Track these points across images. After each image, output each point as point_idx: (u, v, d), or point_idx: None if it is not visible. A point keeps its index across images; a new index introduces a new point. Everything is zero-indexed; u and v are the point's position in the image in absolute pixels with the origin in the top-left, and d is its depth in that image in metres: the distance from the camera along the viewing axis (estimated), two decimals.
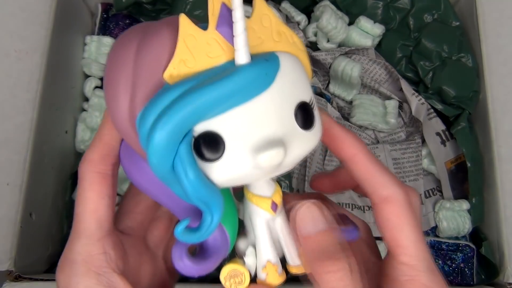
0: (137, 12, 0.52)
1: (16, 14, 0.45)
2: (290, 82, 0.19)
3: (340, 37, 0.51)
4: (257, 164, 0.18)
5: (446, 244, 0.47)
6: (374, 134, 0.51)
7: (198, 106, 0.17)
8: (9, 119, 0.43)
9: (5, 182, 0.41)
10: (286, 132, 0.18)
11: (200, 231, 0.19)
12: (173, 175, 0.18)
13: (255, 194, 0.21)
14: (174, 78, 0.18)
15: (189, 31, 0.18)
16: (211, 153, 0.18)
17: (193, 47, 0.18)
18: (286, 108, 0.19)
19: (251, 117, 0.18)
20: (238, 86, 0.17)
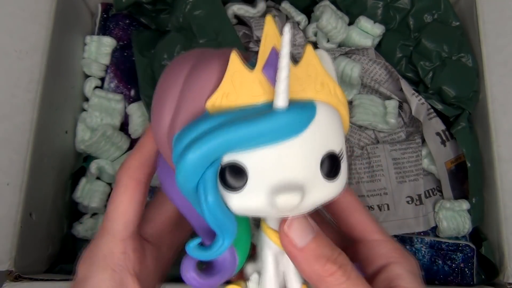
0: (137, 12, 0.52)
1: (16, 14, 0.45)
2: (322, 132, 0.19)
3: (340, 37, 0.51)
4: (273, 203, 0.19)
5: (446, 244, 0.47)
6: (374, 134, 0.51)
7: (230, 139, 0.18)
8: (9, 119, 0.43)
9: (5, 182, 0.41)
10: (308, 178, 0.19)
11: (210, 251, 0.20)
12: (195, 195, 0.20)
13: (269, 227, 0.22)
14: (215, 108, 0.19)
15: (237, 68, 0.19)
16: (234, 183, 0.19)
17: (238, 83, 0.19)
18: (312, 156, 0.19)
19: (276, 159, 0.19)
20: (270, 128, 0.18)
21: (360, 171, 0.49)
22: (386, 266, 0.23)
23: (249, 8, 0.51)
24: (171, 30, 0.49)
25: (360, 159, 0.49)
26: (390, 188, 0.48)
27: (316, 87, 0.20)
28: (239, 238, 0.22)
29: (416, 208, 0.48)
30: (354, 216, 0.25)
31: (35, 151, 0.43)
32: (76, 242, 0.49)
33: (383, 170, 0.48)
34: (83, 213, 0.49)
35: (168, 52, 0.48)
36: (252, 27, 0.50)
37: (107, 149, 0.49)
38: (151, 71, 0.49)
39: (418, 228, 0.47)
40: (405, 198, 0.48)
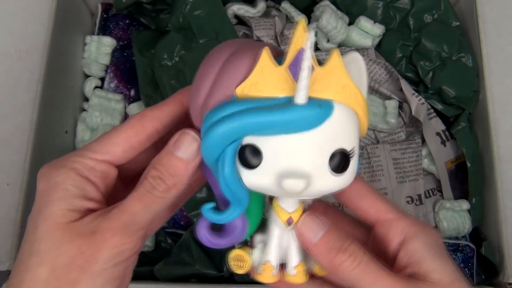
0: (137, 12, 0.52)
1: (17, 14, 0.46)
2: (336, 130, 0.22)
3: (340, 37, 0.51)
4: (280, 186, 0.21)
5: (446, 244, 0.47)
6: (374, 134, 0.51)
7: (251, 123, 0.21)
8: (9, 119, 0.43)
9: (5, 182, 0.41)
10: (315, 169, 0.21)
11: (221, 216, 0.23)
12: (215, 165, 0.22)
13: (278, 205, 0.24)
14: (243, 94, 0.22)
15: (267, 63, 0.21)
16: (249, 162, 0.22)
17: (266, 75, 0.21)
18: (322, 150, 0.22)
19: (288, 147, 0.21)
20: (287, 119, 0.21)
21: (360, 171, 0.49)
22: (404, 243, 0.24)
23: (249, 8, 0.51)
24: (171, 30, 0.49)
25: (360, 159, 0.49)
26: (390, 188, 0.48)
27: (337, 89, 0.22)
28: (251, 209, 0.25)
29: (416, 208, 0.48)
30: (366, 200, 0.26)
31: (35, 151, 0.43)
32: None
33: (383, 170, 0.48)
34: None
35: (168, 52, 0.48)
36: (252, 27, 0.50)
37: None
38: (151, 71, 0.49)
39: None
40: (405, 198, 0.48)
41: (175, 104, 0.25)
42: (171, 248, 0.46)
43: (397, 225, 0.25)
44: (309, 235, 0.23)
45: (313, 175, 0.21)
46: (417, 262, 0.23)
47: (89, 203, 0.23)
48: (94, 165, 0.23)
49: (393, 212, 0.25)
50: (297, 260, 0.25)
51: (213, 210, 0.24)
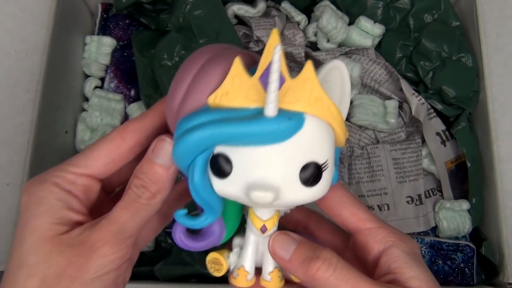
0: (137, 12, 0.52)
1: (16, 14, 0.46)
2: (307, 143, 0.21)
3: (340, 37, 0.51)
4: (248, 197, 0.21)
5: (446, 244, 0.47)
6: (374, 134, 0.51)
7: (220, 134, 0.21)
8: (9, 119, 0.43)
9: (5, 182, 0.41)
10: (284, 181, 0.21)
11: (194, 221, 0.23)
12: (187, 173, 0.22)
13: (253, 212, 0.24)
14: (214, 104, 0.22)
15: (238, 73, 0.21)
16: (219, 171, 0.22)
17: (237, 86, 0.21)
18: (293, 162, 0.21)
19: (257, 159, 0.21)
20: (256, 132, 0.21)
21: (360, 171, 0.49)
22: (384, 251, 0.24)
23: (249, 8, 0.51)
24: (171, 30, 0.49)
25: (360, 159, 0.49)
26: (390, 188, 0.48)
27: (309, 101, 0.21)
28: (229, 213, 0.25)
29: (416, 208, 0.48)
30: (347, 208, 0.26)
31: (35, 151, 0.43)
32: None
33: (383, 170, 0.48)
34: None
35: (168, 52, 0.48)
36: (252, 27, 0.50)
37: None
38: (151, 71, 0.49)
39: (418, 228, 0.47)
40: (405, 198, 0.48)
41: (156, 115, 0.25)
42: (171, 248, 0.46)
43: (377, 234, 0.25)
44: (282, 253, 0.23)
45: (282, 187, 0.21)
46: (398, 269, 0.23)
47: (75, 215, 0.23)
48: (75, 179, 0.23)
49: (374, 222, 0.25)
50: (271, 267, 0.25)
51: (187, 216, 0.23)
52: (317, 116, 0.22)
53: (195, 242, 0.25)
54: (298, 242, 0.23)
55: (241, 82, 0.21)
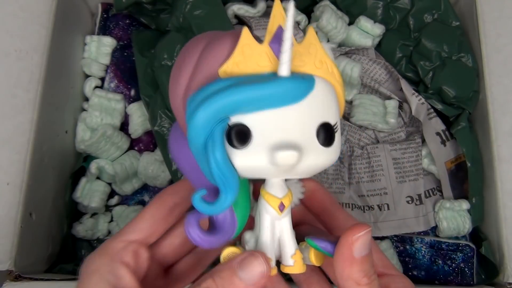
0: (137, 12, 0.52)
1: (16, 14, 0.46)
2: (319, 103, 0.22)
3: (340, 37, 0.51)
4: (273, 160, 0.21)
5: (446, 244, 0.47)
6: (374, 134, 0.51)
7: (236, 99, 0.21)
8: (9, 119, 0.43)
9: (5, 182, 0.41)
10: (305, 142, 0.21)
11: (214, 205, 0.22)
12: (203, 151, 0.22)
13: (268, 192, 0.24)
14: (226, 74, 0.22)
15: (248, 41, 0.22)
16: (239, 142, 0.21)
17: (248, 54, 0.22)
18: (310, 122, 0.22)
19: (277, 121, 0.21)
20: (273, 92, 0.21)
21: (360, 171, 0.49)
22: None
23: (249, 8, 0.51)
24: (171, 30, 0.49)
25: (360, 159, 0.49)
26: (390, 188, 0.48)
27: (316, 64, 0.22)
28: (239, 203, 0.24)
29: (416, 208, 0.48)
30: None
31: (35, 151, 0.43)
32: (76, 242, 0.49)
33: (383, 170, 0.48)
34: (83, 213, 0.49)
35: (168, 52, 0.48)
36: (252, 27, 0.50)
37: (107, 149, 0.49)
38: (151, 71, 0.49)
39: (418, 228, 0.47)
40: (405, 198, 0.48)
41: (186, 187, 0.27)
42: None
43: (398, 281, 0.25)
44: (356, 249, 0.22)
45: (304, 147, 0.21)
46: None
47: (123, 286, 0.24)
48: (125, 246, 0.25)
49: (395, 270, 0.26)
50: (293, 249, 0.24)
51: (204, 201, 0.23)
52: (323, 77, 0.22)
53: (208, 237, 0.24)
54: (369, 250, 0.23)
55: (251, 50, 0.22)
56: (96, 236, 0.48)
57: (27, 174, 0.41)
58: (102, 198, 0.49)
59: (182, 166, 0.26)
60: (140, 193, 0.51)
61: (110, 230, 0.49)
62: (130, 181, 0.50)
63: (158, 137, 0.47)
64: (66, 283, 0.39)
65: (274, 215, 0.24)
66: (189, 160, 0.24)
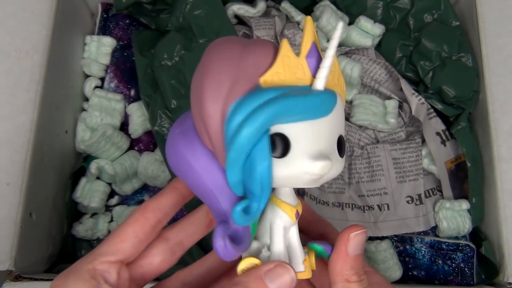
0: (137, 12, 0.52)
1: (17, 13, 0.46)
2: (338, 116, 0.24)
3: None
4: (309, 169, 0.22)
5: (446, 244, 0.47)
6: (374, 134, 0.51)
7: (283, 110, 0.21)
8: (9, 119, 0.43)
9: (5, 182, 0.41)
10: (332, 152, 0.23)
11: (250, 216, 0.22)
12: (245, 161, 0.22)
13: (283, 201, 0.24)
14: (267, 83, 0.22)
15: (288, 53, 0.22)
16: (279, 151, 0.22)
17: (287, 65, 0.22)
18: (334, 134, 0.23)
19: (313, 132, 0.22)
20: (313, 104, 0.22)
21: (360, 171, 0.49)
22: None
23: (249, 8, 0.51)
24: (171, 30, 0.49)
25: (360, 159, 0.49)
26: (390, 188, 0.48)
27: (335, 81, 0.24)
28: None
29: (416, 208, 0.48)
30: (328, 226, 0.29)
31: (35, 151, 0.43)
32: (76, 242, 0.49)
33: (383, 170, 0.48)
34: (83, 213, 0.49)
35: (168, 52, 0.48)
36: (252, 27, 0.50)
37: (107, 149, 0.49)
38: (151, 71, 0.49)
39: (418, 228, 0.47)
40: (405, 198, 0.48)
41: (173, 193, 0.26)
42: None
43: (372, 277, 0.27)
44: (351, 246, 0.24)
45: (332, 158, 0.23)
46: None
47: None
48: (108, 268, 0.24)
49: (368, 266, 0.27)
50: (303, 256, 0.25)
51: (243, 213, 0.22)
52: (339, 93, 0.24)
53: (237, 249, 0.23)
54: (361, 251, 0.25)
55: (290, 61, 0.22)
56: (96, 236, 0.48)
57: (27, 174, 0.42)
58: (102, 198, 0.49)
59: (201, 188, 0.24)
60: (140, 193, 0.51)
61: (110, 230, 0.49)
62: (130, 181, 0.50)
63: (158, 137, 0.47)
64: None
65: (288, 223, 0.25)
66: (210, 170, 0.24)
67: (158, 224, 0.25)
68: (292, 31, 0.51)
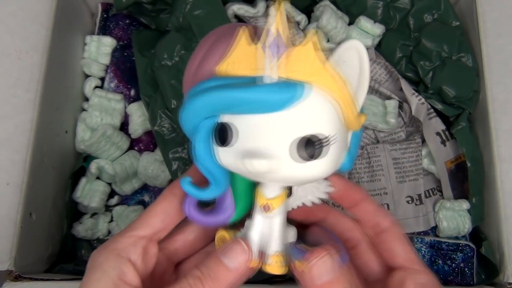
0: (137, 12, 0.52)
1: (16, 13, 0.45)
2: (307, 114, 0.21)
3: (340, 37, 0.51)
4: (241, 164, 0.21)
5: (446, 244, 0.47)
6: (374, 134, 0.51)
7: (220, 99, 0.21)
8: (9, 119, 0.43)
9: (5, 182, 0.41)
10: (281, 152, 0.21)
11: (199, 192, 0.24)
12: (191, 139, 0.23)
13: (259, 189, 0.24)
14: (221, 73, 0.22)
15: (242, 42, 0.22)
16: (221, 140, 0.22)
17: (242, 55, 0.22)
18: (290, 133, 0.21)
19: (259, 127, 0.21)
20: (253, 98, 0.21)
21: (360, 171, 0.49)
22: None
23: (249, 8, 0.51)
24: (171, 30, 0.49)
25: (360, 159, 0.49)
26: (390, 188, 0.48)
27: (312, 71, 0.21)
28: (240, 193, 0.25)
29: (416, 208, 0.48)
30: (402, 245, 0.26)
31: (35, 151, 0.43)
32: (76, 242, 0.49)
33: (383, 170, 0.48)
34: (83, 213, 0.49)
35: (168, 52, 0.48)
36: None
37: (107, 149, 0.49)
38: (151, 71, 0.49)
39: (418, 228, 0.47)
40: (405, 198, 0.48)
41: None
42: None
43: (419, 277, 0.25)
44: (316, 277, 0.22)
45: (278, 158, 0.21)
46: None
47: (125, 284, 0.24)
48: (134, 242, 0.25)
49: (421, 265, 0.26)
50: (273, 250, 0.24)
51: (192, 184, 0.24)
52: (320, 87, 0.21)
53: (203, 216, 0.25)
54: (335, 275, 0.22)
55: (245, 51, 0.21)
56: (96, 236, 0.48)
57: (27, 174, 0.41)
58: (102, 198, 0.49)
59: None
60: (140, 193, 0.51)
61: (110, 230, 0.49)
62: (130, 181, 0.50)
63: (158, 137, 0.47)
64: (66, 283, 0.39)
65: (261, 213, 0.24)
66: None
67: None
68: (292, 31, 0.51)
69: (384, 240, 0.26)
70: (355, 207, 0.27)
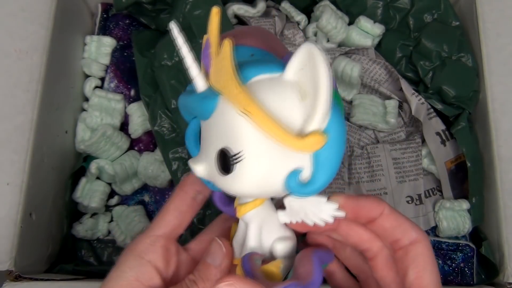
0: (137, 12, 0.52)
1: (16, 14, 0.45)
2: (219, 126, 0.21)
3: (340, 37, 0.51)
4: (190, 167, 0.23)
5: (446, 243, 0.47)
6: (374, 134, 0.51)
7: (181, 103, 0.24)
8: (9, 119, 0.43)
9: (5, 182, 0.41)
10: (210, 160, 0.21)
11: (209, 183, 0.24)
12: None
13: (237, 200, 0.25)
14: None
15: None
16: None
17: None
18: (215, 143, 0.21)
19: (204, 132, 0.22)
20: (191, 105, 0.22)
21: (360, 171, 0.49)
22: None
23: (249, 8, 0.51)
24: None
25: (360, 159, 0.49)
26: (390, 188, 0.48)
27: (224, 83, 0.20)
28: None
29: (416, 208, 0.48)
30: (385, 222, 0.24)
31: (35, 151, 0.43)
32: (76, 242, 0.49)
33: (383, 170, 0.48)
34: (83, 213, 0.49)
35: (168, 52, 0.48)
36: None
37: (107, 149, 0.49)
38: (151, 71, 0.49)
39: None
40: (405, 198, 0.48)
41: None
42: None
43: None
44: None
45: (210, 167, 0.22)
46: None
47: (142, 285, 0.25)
48: (153, 242, 0.26)
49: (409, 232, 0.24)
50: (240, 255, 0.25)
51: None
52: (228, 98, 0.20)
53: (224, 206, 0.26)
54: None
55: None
56: (96, 236, 0.48)
57: (27, 174, 0.41)
58: (102, 198, 0.49)
59: None
60: (140, 193, 0.51)
61: (110, 230, 0.49)
62: (130, 181, 0.50)
63: (158, 137, 0.47)
64: (66, 283, 0.39)
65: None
66: None
67: (197, 194, 0.27)
68: (292, 31, 0.51)
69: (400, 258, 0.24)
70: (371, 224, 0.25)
